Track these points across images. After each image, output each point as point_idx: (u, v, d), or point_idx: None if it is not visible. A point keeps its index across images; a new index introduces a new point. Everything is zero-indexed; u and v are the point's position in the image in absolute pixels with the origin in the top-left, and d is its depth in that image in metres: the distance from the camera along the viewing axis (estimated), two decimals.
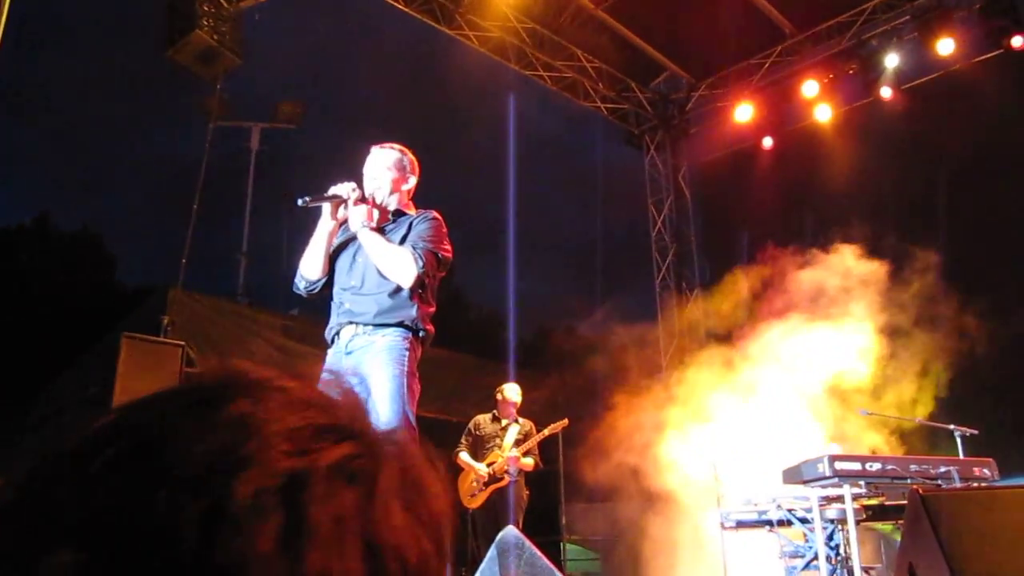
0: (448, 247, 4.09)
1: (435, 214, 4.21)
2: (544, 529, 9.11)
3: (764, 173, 12.53)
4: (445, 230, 4.16)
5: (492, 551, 4.30)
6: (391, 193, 4.19)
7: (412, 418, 3.85)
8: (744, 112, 12.63)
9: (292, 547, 0.46)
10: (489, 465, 7.35)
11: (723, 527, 7.96)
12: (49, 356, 15.74)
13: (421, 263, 3.88)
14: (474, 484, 7.38)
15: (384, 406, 3.77)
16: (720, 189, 13.58)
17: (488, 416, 7.71)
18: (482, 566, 4.32)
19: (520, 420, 7.61)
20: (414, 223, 4.11)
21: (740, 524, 7.92)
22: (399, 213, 4.21)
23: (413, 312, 3.95)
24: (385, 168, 4.21)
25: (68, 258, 24.67)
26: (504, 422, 7.59)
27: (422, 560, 0.53)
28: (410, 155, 4.31)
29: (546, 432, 7.53)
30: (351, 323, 3.96)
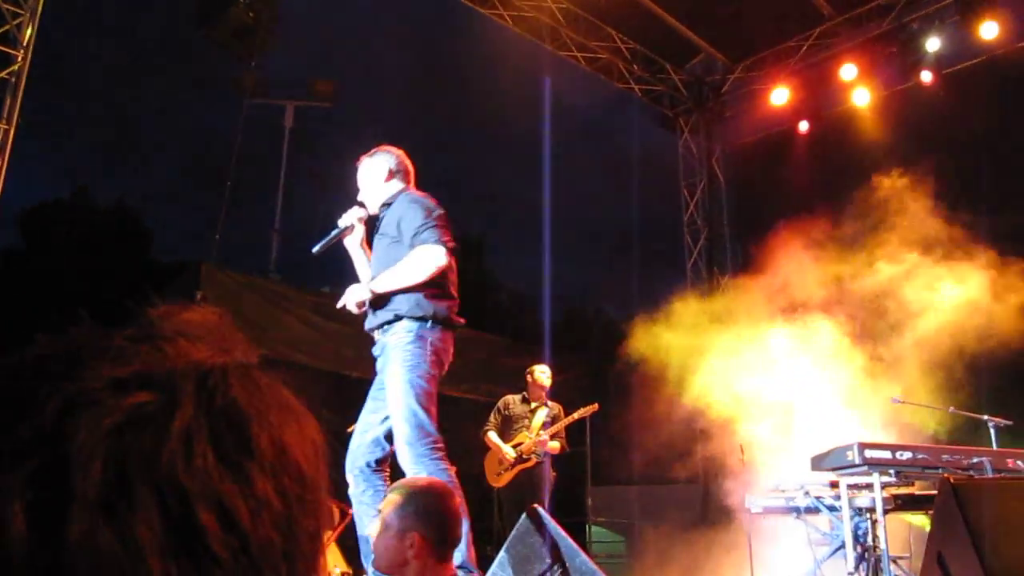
0: (449, 236, 4.05)
1: (417, 195, 4.22)
2: (570, 511, 9.13)
3: (800, 158, 12.36)
4: (432, 210, 4.09)
5: (517, 529, 4.31)
6: (365, 187, 4.34)
7: (421, 415, 3.83)
8: (780, 95, 12.47)
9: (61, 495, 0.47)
10: (516, 446, 7.37)
11: (750, 513, 7.93)
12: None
13: (433, 252, 3.88)
14: (501, 464, 7.41)
15: (393, 408, 3.81)
16: (754, 173, 13.42)
17: (518, 397, 7.71)
18: (506, 544, 4.34)
19: (549, 403, 7.61)
20: (396, 204, 4.18)
21: (767, 510, 7.89)
22: (387, 203, 4.28)
23: (409, 300, 3.93)
24: (366, 180, 4.33)
25: (105, 232, 25.00)
26: (533, 404, 7.60)
27: (254, 508, 0.52)
28: (381, 152, 4.37)
29: (575, 416, 7.53)
30: (371, 331, 4.05)
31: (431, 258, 3.86)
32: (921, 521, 7.20)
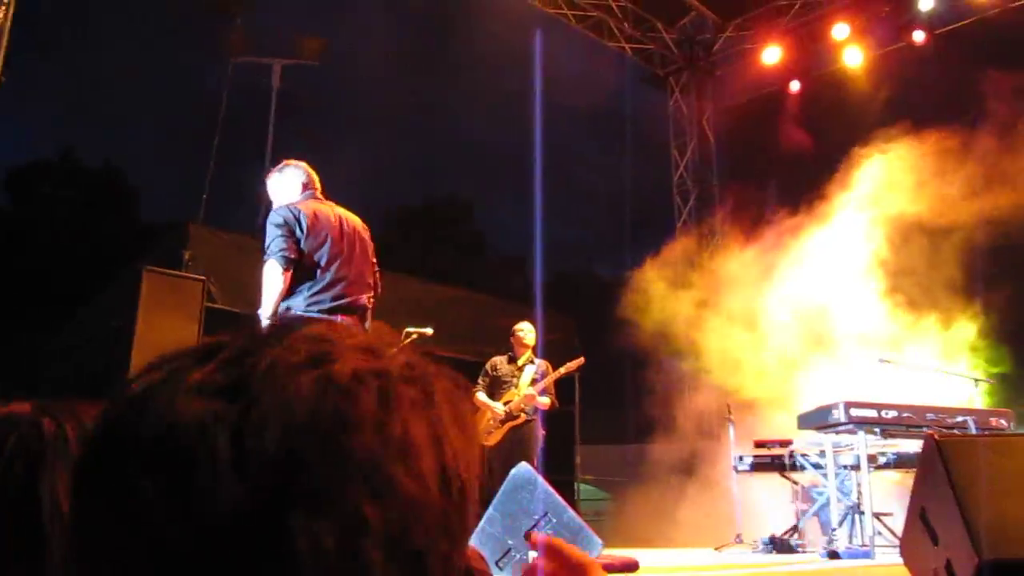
0: (286, 246, 4.39)
1: (282, 209, 4.52)
2: (558, 469, 9.21)
3: (791, 117, 12.31)
4: (281, 226, 4.43)
5: (505, 486, 4.35)
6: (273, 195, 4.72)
7: None
8: (772, 54, 12.39)
9: (384, 408, 0.55)
10: (505, 404, 7.40)
11: (736, 471, 8.03)
12: (73, 288, 15.92)
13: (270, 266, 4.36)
14: (490, 422, 7.44)
15: None
16: (745, 133, 13.37)
17: (504, 357, 7.73)
18: (495, 500, 4.38)
19: (536, 360, 7.62)
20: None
21: (754, 467, 7.99)
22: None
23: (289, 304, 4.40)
24: (280, 196, 4.69)
25: (92, 192, 24.80)
26: (520, 361, 7.62)
27: (470, 475, 0.60)
28: (291, 167, 4.73)
29: (562, 371, 7.54)
30: None
31: (269, 273, 4.35)
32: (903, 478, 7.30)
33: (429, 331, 7.26)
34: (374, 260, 4.75)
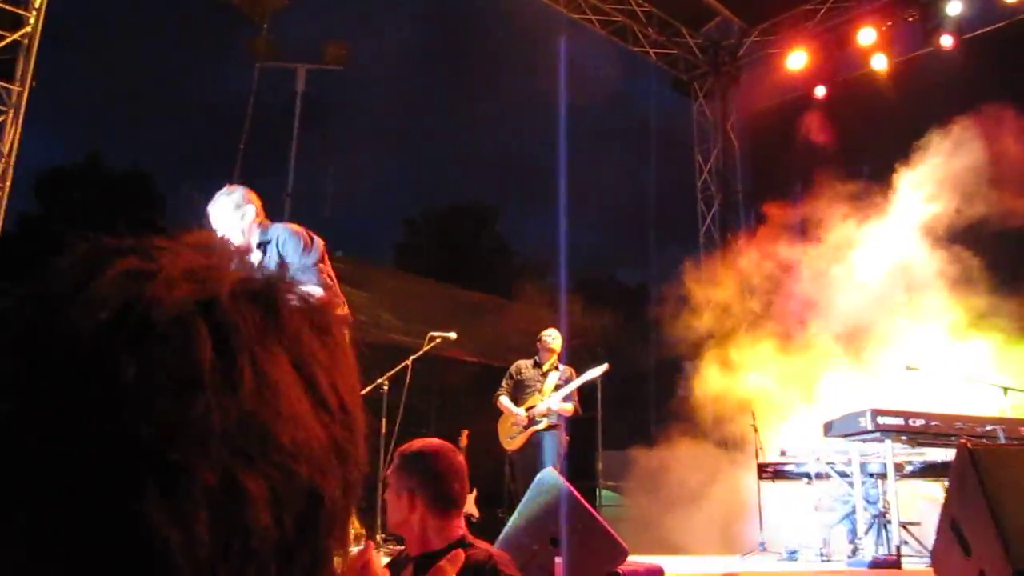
0: (325, 267, 4.39)
1: (291, 229, 4.42)
2: (580, 474, 9.19)
3: (816, 123, 12.23)
4: (309, 240, 4.39)
5: (530, 492, 4.34)
6: (244, 233, 4.38)
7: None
8: (797, 59, 12.32)
9: (227, 358, 0.47)
10: (528, 409, 7.40)
11: (760, 478, 7.96)
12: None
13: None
14: (513, 427, 7.44)
15: None
16: (769, 139, 13.28)
17: (530, 362, 7.72)
18: (520, 506, 4.37)
19: (561, 367, 7.61)
20: (274, 242, 4.37)
21: (777, 475, 7.92)
22: (261, 244, 4.41)
23: None
24: (235, 222, 4.39)
25: (118, 197, 25.04)
26: (545, 368, 7.61)
27: (352, 392, 0.54)
28: (238, 192, 4.48)
29: (586, 376, 7.53)
30: None
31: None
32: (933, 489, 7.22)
33: (453, 336, 7.28)
34: None
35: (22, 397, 0.44)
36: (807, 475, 7.67)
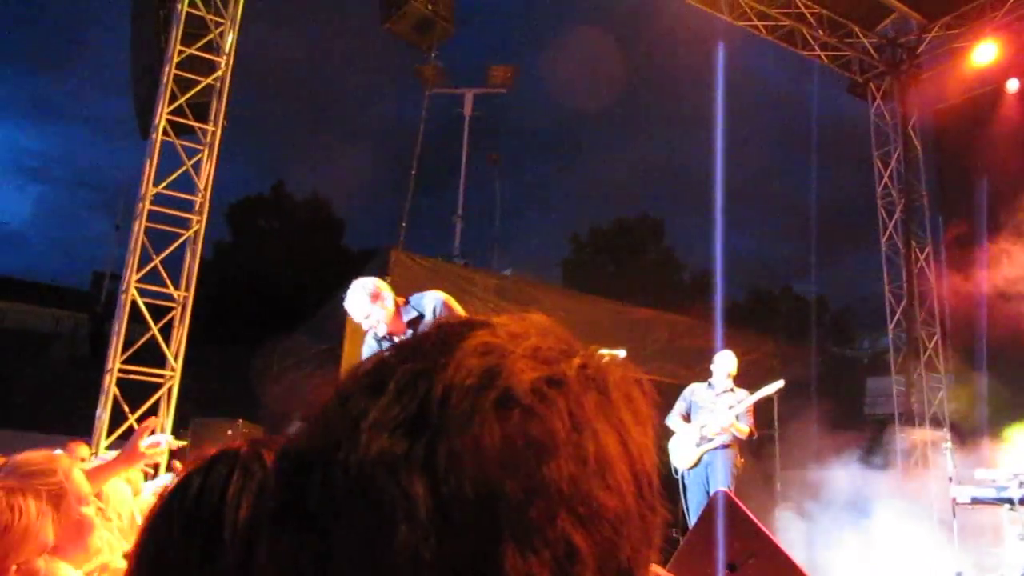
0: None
1: (443, 297, 4.71)
2: (757, 496, 8.90)
3: (1009, 119, 11.38)
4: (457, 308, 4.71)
5: (703, 513, 4.24)
6: (389, 319, 4.65)
7: None
8: (985, 52, 11.53)
9: (576, 427, 0.53)
10: (701, 428, 7.25)
11: (955, 503, 7.45)
12: (285, 313, 17.07)
13: None
14: (685, 447, 7.31)
15: None
16: (956, 139, 12.49)
17: (704, 384, 7.59)
18: (692, 528, 4.28)
19: (736, 389, 7.42)
20: (428, 313, 4.65)
21: (976, 501, 7.39)
22: (413, 320, 4.71)
23: None
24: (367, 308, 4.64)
25: (301, 223, 26.56)
26: (719, 389, 7.44)
27: (653, 467, 0.59)
28: (370, 283, 4.70)
29: (760, 394, 7.29)
30: None
31: None
32: None
33: (622, 353, 7.21)
34: None
35: (408, 438, 0.51)
36: (1010, 500, 7.11)
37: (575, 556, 0.50)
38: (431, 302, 4.71)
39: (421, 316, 4.69)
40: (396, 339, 4.63)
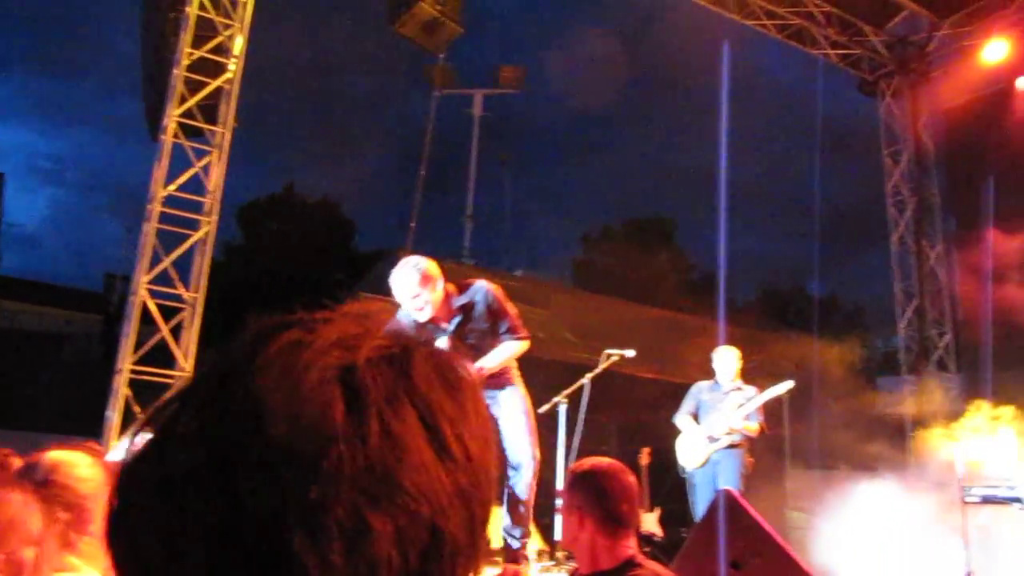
0: (517, 314, 4.85)
1: (493, 288, 4.81)
2: (767, 496, 8.89)
3: (1019, 118, 11.32)
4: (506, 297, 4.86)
5: (707, 511, 4.25)
6: (436, 303, 4.59)
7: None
8: (996, 50, 11.47)
9: (357, 414, 0.55)
10: (709, 428, 7.24)
11: (964, 503, 7.41)
12: (297, 315, 17.11)
13: (525, 344, 4.84)
14: (693, 446, 7.30)
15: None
16: (966, 137, 12.42)
17: (710, 382, 7.56)
18: (696, 525, 4.28)
19: (743, 386, 7.40)
20: (479, 301, 4.72)
21: (986, 500, 7.35)
22: (464, 306, 4.74)
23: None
24: (416, 288, 4.53)
25: (311, 225, 26.62)
26: (725, 387, 7.41)
27: (479, 442, 0.62)
28: (423, 263, 4.59)
29: (769, 393, 7.26)
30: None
31: (518, 349, 4.85)
32: None
33: (631, 353, 7.22)
34: None
35: (206, 448, 0.55)
36: (1019, 499, 7.09)
37: (368, 530, 0.53)
38: (482, 291, 4.73)
39: (473, 304, 4.69)
40: (443, 326, 4.68)
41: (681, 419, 7.46)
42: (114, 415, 7.34)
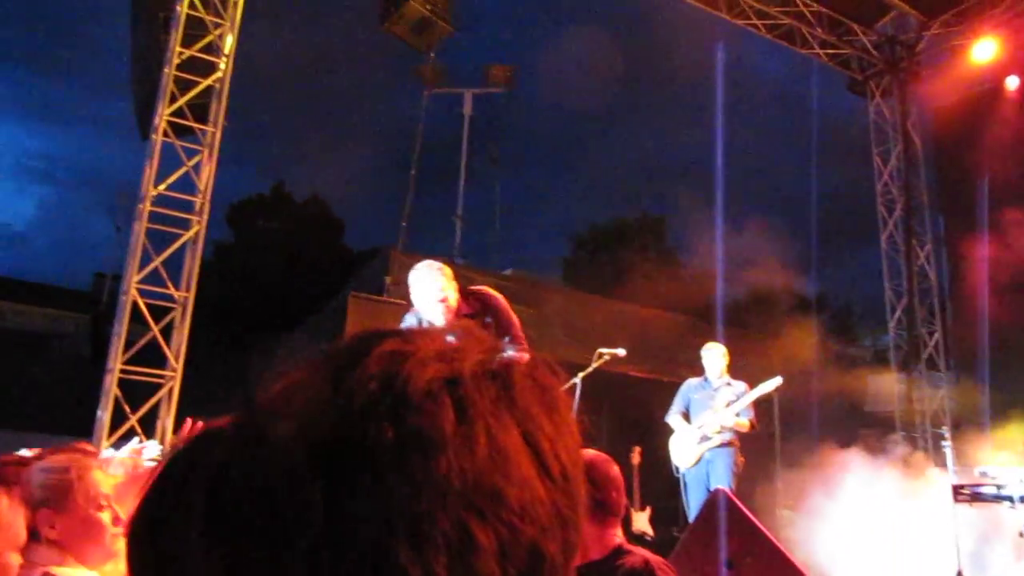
0: (520, 325, 4.82)
1: (500, 297, 4.83)
2: (758, 495, 8.91)
3: (1008, 117, 11.37)
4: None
5: (701, 510, 4.25)
6: (450, 309, 4.63)
7: None
8: (985, 49, 11.52)
9: (466, 426, 0.55)
10: (700, 427, 7.25)
11: (955, 500, 7.45)
12: (286, 313, 17.09)
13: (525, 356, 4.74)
14: (685, 445, 7.31)
15: None
16: (956, 136, 12.48)
17: (700, 379, 7.58)
18: (690, 526, 4.29)
19: (732, 382, 7.41)
20: (488, 309, 4.74)
21: (975, 498, 7.38)
22: (475, 312, 4.75)
23: None
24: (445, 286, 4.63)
25: (301, 224, 26.54)
26: (715, 384, 7.43)
27: (569, 454, 0.61)
28: (442, 266, 4.76)
29: (758, 391, 7.28)
30: None
31: None
32: None
33: (622, 352, 7.22)
34: None
35: (306, 451, 0.53)
36: (1009, 498, 7.11)
37: (473, 544, 0.52)
38: (490, 300, 4.78)
39: (483, 311, 4.72)
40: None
41: (673, 418, 7.47)
42: (105, 414, 7.30)
